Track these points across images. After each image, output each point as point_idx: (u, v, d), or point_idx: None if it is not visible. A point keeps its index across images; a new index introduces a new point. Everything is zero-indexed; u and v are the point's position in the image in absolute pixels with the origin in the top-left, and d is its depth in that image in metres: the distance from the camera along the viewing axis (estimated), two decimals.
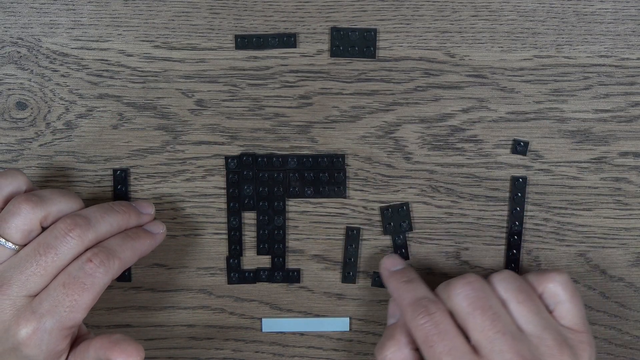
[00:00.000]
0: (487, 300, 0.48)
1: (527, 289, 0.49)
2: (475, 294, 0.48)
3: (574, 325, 0.49)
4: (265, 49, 0.54)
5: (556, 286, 0.50)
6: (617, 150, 0.55)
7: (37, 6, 0.54)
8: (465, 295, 0.48)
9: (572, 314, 0.49)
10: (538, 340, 0.47)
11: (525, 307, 0.48)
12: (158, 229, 0.53)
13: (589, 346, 0.49)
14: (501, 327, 0.47)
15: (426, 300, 0.49)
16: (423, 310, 0.48)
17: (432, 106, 0.55)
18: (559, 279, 0.50)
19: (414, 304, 0.49)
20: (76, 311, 0.47)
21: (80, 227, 0.48)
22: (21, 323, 0.47)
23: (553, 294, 0.50)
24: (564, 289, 0.50)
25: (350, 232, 0.55)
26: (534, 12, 0.54)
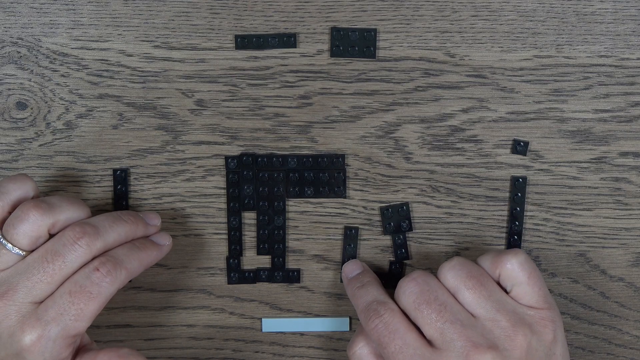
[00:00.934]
0: (431, 293, 0.48)
1: (477, 273, 0.49)
2: (419, 289, 0.48)
3: (533, 304, 0.49)
4: (265, 49, 0.54)
5: (513, 267, 0.49)
6: (617, 150, 0.55)
7: (37, 6, 0.54)
8: (410, 292, 0.49)
9: (530, 293, 0.49)
10: (492, 323, 0.48)
11: (475, 292, 0.48)
12: (164, 240, 0.52)
13: (551, 322, 0.49)
14: (449, 317, 0.47)
15: (376, 303, 0.49)
16: (373, 314, 0.49)
17: (432, 106, 0.55)
18: (515, 260, 0.49)
19: (365, 308, 0.50)
20: (81, 320, 0.47)
21: (88, 235, 0.48)
22: (26, 329, 0.46)
23: (510, 275, 0.49)
24: (521, 269, 0.49)
25: (349, 232, 0.55)
26: (534, 12, 0.54)
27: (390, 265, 0.56)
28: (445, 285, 0.49)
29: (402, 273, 0.56)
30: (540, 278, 0.50)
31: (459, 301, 0.49)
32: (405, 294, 0.49)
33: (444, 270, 0.49)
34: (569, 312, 0.57)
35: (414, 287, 0.49)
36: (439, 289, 0.49)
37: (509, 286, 0.50)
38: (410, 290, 0.49)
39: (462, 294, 0.48)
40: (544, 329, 0.48)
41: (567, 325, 0.57)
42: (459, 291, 0.49)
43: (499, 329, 0.47)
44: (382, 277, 0.56)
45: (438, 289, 0.49)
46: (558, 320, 0.49)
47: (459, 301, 0.49)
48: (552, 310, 0.49)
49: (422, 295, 0.48)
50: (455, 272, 0.49)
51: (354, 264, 0.54)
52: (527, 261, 0.49)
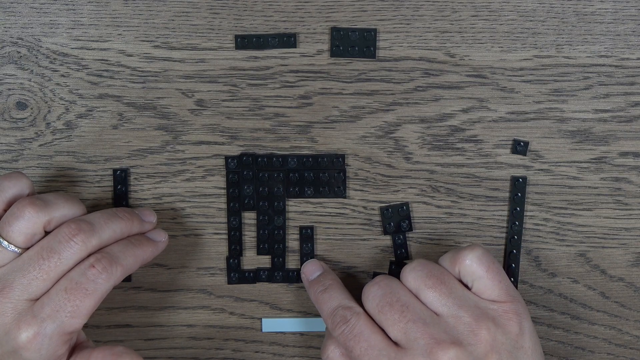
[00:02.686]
0: (393, 295, 0.49)
1: (437, 272, 0.50)
2: (382, 292, 0.49)
3: (495, 297, 0.49)
4: (265, 49, 0.54)
5: (471, 263, 0.49)
6: (617, 150, 0.55)
7: (37, 6, 0.54)
8: (373, 295, 0.49)
9: (491, 287, 0.49)
10: (455, 319, 0.48)
11: (436, 291, 0.49)
12: (160, 237, 0.53)
13: (516, 314, 0.49)
14: (411, 316, 0.48)
15: (341, 309, 0.50)
16: (339, 320, 0.49)
17: (432, 106, 0.55)
18: (472, 255, 0.50)
19: (330, 314, 0.50)
20: (77, 317, 0.47)
21: (84, 232, 0.48)
22: (22, 327, 0.46)
23: (469, 271, 0.50)
24: (479, 264, 0.49)
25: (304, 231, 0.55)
26: (534, 12, 0.54)
27: (390, 265, 0.56)
28: (407, 286, 0.50)
29: None
30: (499, 271, 0.50)
31: (422, 301, 0.49)
32: (369, 298, 0.49)
33: (405, 273, 0.50)
34: (569, 312, 0.57)
35: (377, 290, 0.49)
36: (400, 290, 0.49)
37: (469, 282, 0.50)
38: (373, 294, 0.49)
39: (424, 293, 0.49)
40: (508, 322, 0.48)
41: (567, 325, 0.57)
42: (421, 291, 0.49)
43: (462, 325, 0.48)
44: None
45: (400, 290, 0.49)
46: (523, 312, 0.49)
47: (422, 301, 0.49)
48: (516, 303, 0.49)
49: (385, 297, 0.49)
50: (416, 273, 0.50)
51: (314, 264, 0.54)
52: (485, 255, 0.50)
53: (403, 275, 0.50)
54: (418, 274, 0.49)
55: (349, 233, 0.56)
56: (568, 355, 0.57)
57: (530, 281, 0.56)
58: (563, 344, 0.57)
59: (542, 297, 0.56)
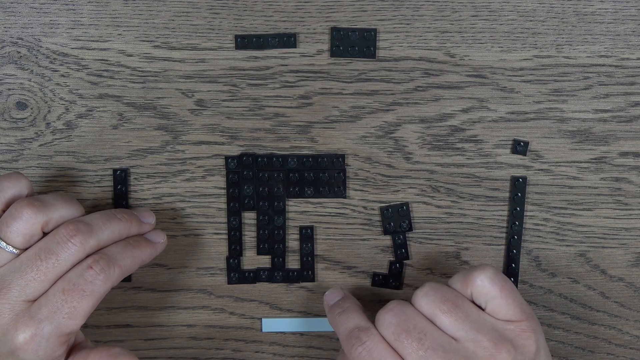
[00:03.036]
0: (409, 322, 0.48)
1: (451, 296, 0.48)
2: (397, 319, 0.48)
3: (511, 317, 0.48)
4: (265, 49, 0.54)
5: (483, 283, 0.48)
6: (617, 150, 0.55)
7: (37, 6, 0.54)
8: (387, 324, 0.48)
9: (506, 307, 0.48)
10: (474, 344, 0.47)
11: (452, 315, 0.48)
12: (159, 238, 0.52)
13: (532, 332, 0.48)
14: (430, 344, 0.47)
15: (357, 330, 0.49)
16: (356, 341, 0.48)
17: (432, 106, 0.55)
18: (484, 276, 0.48)
19: (347, 335, 0.49)
20: (75, 318, 0.47)
21: (82, 233, 0.48)
22: (19, 328, 0.46)
23: (482, 292, 0.48)
24: (492, 284, 0.48)
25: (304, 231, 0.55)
26: (534, 12, 0.54)
27: (390, 265, 0.56)
28: (421, 312, 0.48)
29: (402, 273, 0.56)
30: (513, 289, 0.49)
31: (438, 326, 0.48)
32: (384, 325, 0.48)
33: (417, 298, 0.49)
34: (569, 312, 0.57)
35: (391, 317, 0.48)
36: (416, 317, 0.48)
37: (483, 303, 0.49)
38: (388, 322, 0.48)
39: (439, 318, 0.48)
40: (526, 341, 0.48)
41: (567, 325, 0.57)
42: (436, 316, 0.48)
43: (481, 350, 0.47)
44: (382, 277, 0.56)
45: (415, 317, 0.48)
46: (538, 328, 0.49)
47: (438, 326, 0.48)
48: (531, 320, 0.48)
49: (400, 325, 0.48)
50: (429, 298, 0.48)
51: (335, 292, 0.53)
52: (497, 274, 0.49)
53: (415, 300, 0.49)
54: (431, 299, 0.48)
55: (349, 233, 0.56)
56: (568, 355, 0.57)
57: (530, 281, 0.56)
58: (563, 344, 0.57)
59: (542, 297, 0.56)
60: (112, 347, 0.49)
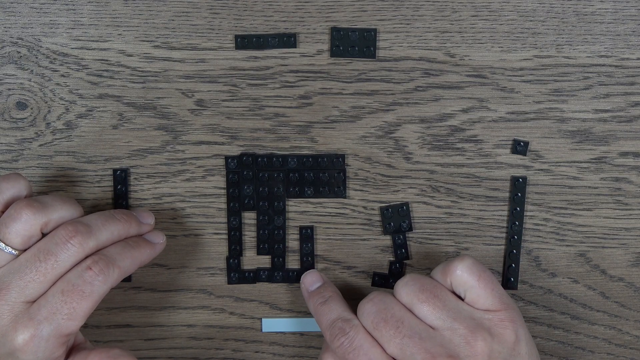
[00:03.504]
0: (387, 311, 0.49)
1: (429, 285, 0.49)
2: (376, 308, 0.49)
3: (489, 306, 0.49)
4: (265, 49, 0.54)
5: (462, 273, 0.49)
6: (617, 150, 0.55)
7: (37, 6, 0.54)
8: (367, 312, 0.49)
9: (484, 296, 0.49)
10: (450, 332, 0.48)
11: (429, 304, 0.49)
12: (158, 238, 0.52)
13: (511, 322, 0.48)
14: (406, 331, 0.48)
15: (340, 321, 0.50)
16: (338, 332, 0.49)
17: (432, 106, 0.55)
18: (462, 266, 0.49)
19: (329, 326, 0.50)
20: (74, 319, 0.47)
21: (81, 234, 0.48)
22: (18, 329, 0.46)
23: (460, 282, 0.49)
24: (470, 274, 0.49)
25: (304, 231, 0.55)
26: (534, 12, 0.54)
27: (390, 265, 0.56)
28: (401, 301, 0.49)
29: (402, 273, 0.56)
30: (491, 279, 0.50)
31: (416, 315, 0.49)
32: (364, 315, 0.49)
33: (398, 288, 0.50)
34: (569, 312, 0.57)
35: (371, 307, 0.49)
36: (395, 306, 0.49)
37: (462, 292, 0.50)
38: (368, 311, 0.49)
39: (418, 307, 0.49)
40: (504, 331, 0.48)
41: (567, 325, 0.57)
42: (414, 305, 0.49)
43: (458, 337, 0.47)
44: (382, 277, 0.56)
45: (394, 306, 0.49)
46: (518, 319, 0.49)
47: (416, 315, 0.49)
48: (510, 310, 0.49)
49: (379, 314, 0.49)
50: (408, 287, 0.49)
51: (313, 275, 0.54)
52: (475, 264, 0.50)
53: (396, 290, 0.50)
54: (411, 289, 0.49)
55: (349, 233, 0.56)
56: (568, 355, 0.57)
57: (530, 281, 0.56)
58: (563, 344, 0.57)
59: (542, 297, 0.56)
60: (112, 348, 0.49)
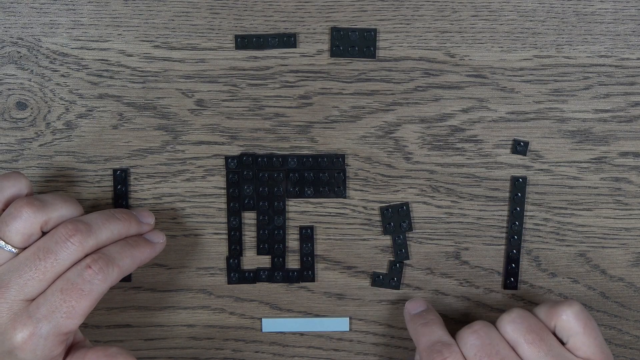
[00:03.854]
0: (492, 347, 0.49)
1: (536, 327, 0.49)
2: (481, 342, 0.49)
3: (590, 355, 0.49)
4: (265, 49, 0.54)
5: (568, 318, 0.49)
6: (617, 150, 0.55)
7: (37, 6, 0.54)
8: (471, 344, 0.49)
9: (587, 345, 0.49)
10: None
11: (535, 347, 0.49)
12: (158, 238, 0.52)
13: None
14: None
15: (440, 345, 0.50)
16: (437, 355, 0.49)
17: (432, 106, 0.55)
18: (570, 311, 0.49)
19: (429, 348, 0.50)
20: (73, 317, 0.47)
21: (81, 233, 0.48)
22: (17, 327, 0.46)
23: (565, 326, 0.49)
24: (576, 320, 0.49)
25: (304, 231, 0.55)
26: (534, 12, 0.54)
27: (390, 265, 0.56)
28: (505, 337, 0.49)
29: (402, 272, 0.56)
30: (595, 328, 0.50)
31: (519, 355, 0.49)
32: (467, 345, 0.49)
33: (503, 323, 0.50)
34: None
35: (476, 340, 0.49)
36: (500, 343, 0.49)
37: (565, 337, 0.50)
38: (471, 343, 0.49)
39: (522, 348, 0.49)
40: None
41: None
42: (519, 345, 0.49)
43: None
44: (382, 277, 0.56)
45: (499, 343, 0.49)
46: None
47: (519, 355, 0.49)
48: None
49: (484, 348, 0.49)
50: (515, 325, 0.49)
51: (418, 302, 0.54)
52: (582, 311, 0.50)
53: (501, 325, 0.50)
54: (518, 327, 0.49)
55: (349, 233, 0.56)
56: None
57: (530, 281, 0.56)
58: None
59: (542, 297, 0.56)
60: (110, 347, 0.49)
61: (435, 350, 0.49)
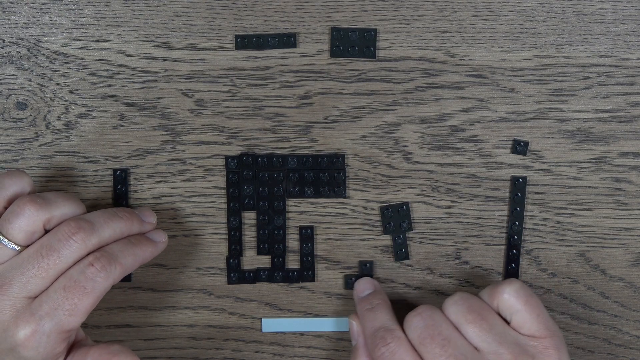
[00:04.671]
0: (435, 328, 0.49)
1: (478, 307, 0.50)
2: (424, 324, 0.49)
3: (534, 332, 0.49)
4: (265, 49, 0.54)
5: (509, 297, 0.50)
6: (617, 150, 0.55)
7: (37, 6, 0.54)
8: (414, 326, 0.49)
9: (530, 321, 0.49)
10: (495, 356, 0.48)
11: (477, 326, 0.49)
12: (160, 237, 0.53)
13: (555, 350, 0.49)
14: (452, 351, 0.48)
15: (383, 330, 0.50)
16: (380, 341, 0.50)
17: (432, 106, 0.55)
18: (509, 289, 0.50)
19: (373, 334, 0.50)
20: (75, 315, 0.47)
21: (84, 231, 0.48)
22: (20, 324, 0.47)
23: (507, 305, 0.50)
24: (517, 298, 0.50)
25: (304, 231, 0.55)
26: (534, 12, 0.54)
27: (361, 266, 0.56)
28: (449, 319, 0.50)
29: (368, 274, 0.56)
30: (538, 304, 0.50)
31: (463, 335, 0.49)
32: (411, 328, 0.49)
33: (446, 305, 0.50)
34: (569, 312, 0.57)
35: (419, 321, 0.49)
36: (443, 323, 0.49)
37: (508, 316, 0.50)
38: (415, 325, 0.49)
39: (465, 328, 0.49)
40: (548, 359, 0.48)
41: (567, 325, 0.57)
42: (461, 325, 0.49)
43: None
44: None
45: (442, 323, 0.49)
46: (562, 346, 0.49)
47: (463, 335, 0.49)
48: (555, 338, 0.49)
49: (427, 329, 0.49)
50: (457, 307, 0.50)
51: (367, 283, 0.55)
52: (523, 288, 0.50)
53: (445, 307, 0.50)
54: (459, 308, 0.49)
55: (349, 233, 0.56)
56: None
57: (530, 281, 0.56)
58: None
59: (542, 297, 0.56)
60: (111, 344, 0.49)
61: (379, 337, 0.50)
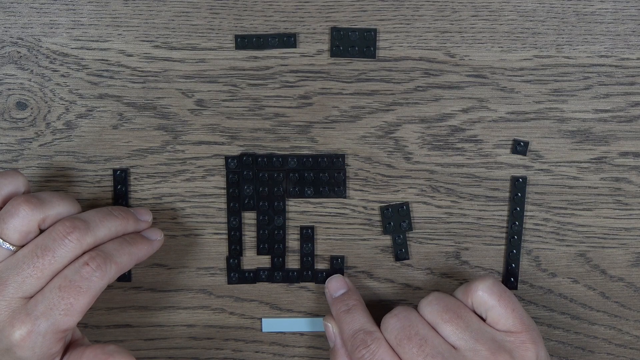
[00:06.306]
0: (412, 328, 0.49)
1: (453, 306, 0.50)
2: (400, 324, 0.50)
3: (510, 327, 0.50)
4: (265, 49, 0.54)
5: (483, 293, 0.50)
6: (617, 150, 0.55)
7: (37, 6, 0.54)
8: (391, 328, 0.50)
9: (505, 317, 0.50)
10: (472, 353, 0.48)
11: (452, 324, 0.49)
12: (155, 235, 0.53)
13: (532, 344, 0.49)
14: (429, 351, 0.48)
15: (362, 333, 0.50)
16: (360, 344, 0.50)
17: (432, 106, 0.55)
18: (483, 286, 0.50)
19: (352, 337, 0.51)
20: (71, 314, 0.47)
21: (79, 230, 0.48)
22: (15, 324, 0.46)
23: (481, 302, 0.50)
24: (490, 294, 0.50)
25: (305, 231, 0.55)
26: (534, 12, 0.54)
27: (332, 260, 0.56)
28: (425, 319, 0.50)
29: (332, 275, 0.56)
30: (512, 300, 0.50)
31: (440, 334, 0.49)
32: (388, 329, 0.50)
33: (422, 306, 0.51)
34: (569, 312, 0.57)
35: (396, 322, 0.50)
36: (419, 324, 0.50)
37: (483, 312, 0.50)
38: (392, 326, 0.50)
39: (441, 327, 0.49)
40: (525, 353, 0.49)
41: (567, 325, 0.57)
42: (438, 325, 0.50)
43: (479, 359, 0.48)
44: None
45: (419, 324, 0.50)
46: (539, 340, 0.50)
47: (440, 334, 0.49)
48: (531, 332, 0.50)
49: (404, 330, 0.49)
50: (432, 307, 0.50)
51: (339, 281, 0.55)
52: (495, 284, 0.50)
53: (420, 308, 0.51)
54: (435, 308, 0.50)
55: (349, 233, 0.56)
56: (568, 355, 0.57)
57: (530, 281, 0.56)
58: (563, 344, 0.57)
59: (542, 297, 0.56)
60: (107, 344, 0.49)
61: (359, 339, 0.50)
